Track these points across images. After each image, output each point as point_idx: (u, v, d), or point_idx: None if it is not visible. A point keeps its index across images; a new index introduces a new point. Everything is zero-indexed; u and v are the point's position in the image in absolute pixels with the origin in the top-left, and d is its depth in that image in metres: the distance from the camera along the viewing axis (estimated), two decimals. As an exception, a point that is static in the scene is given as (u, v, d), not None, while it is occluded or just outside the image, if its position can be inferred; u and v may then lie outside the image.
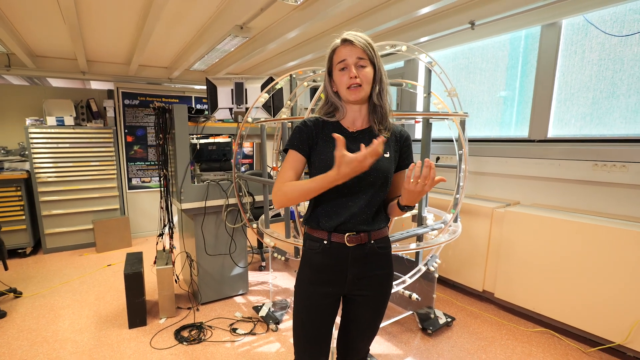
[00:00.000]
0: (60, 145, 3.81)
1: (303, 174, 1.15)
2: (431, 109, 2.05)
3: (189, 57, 3.60)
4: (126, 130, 4.30)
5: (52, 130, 3.75)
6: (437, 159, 3.31)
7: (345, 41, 1.05)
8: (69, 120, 3.84)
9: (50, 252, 3.90)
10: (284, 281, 3.07)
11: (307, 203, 1.25)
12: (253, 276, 3.17)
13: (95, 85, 4.58)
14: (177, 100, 4.61)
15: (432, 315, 2.29)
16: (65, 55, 3.75)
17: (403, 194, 0.99)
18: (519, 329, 2.26)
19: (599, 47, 2.34)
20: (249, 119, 2.14)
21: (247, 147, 5.21)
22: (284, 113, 2.23)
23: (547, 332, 2.21)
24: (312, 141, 1.10)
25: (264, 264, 3.41)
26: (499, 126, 2.98)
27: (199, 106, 4.77)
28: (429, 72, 1.98)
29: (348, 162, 0.89)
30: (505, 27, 2.64)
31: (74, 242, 4.00)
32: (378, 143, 0.88)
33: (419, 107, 3.70)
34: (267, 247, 3.60)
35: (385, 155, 1.09)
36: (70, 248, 3.99)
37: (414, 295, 2.07)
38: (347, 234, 1.07)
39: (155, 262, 2.45)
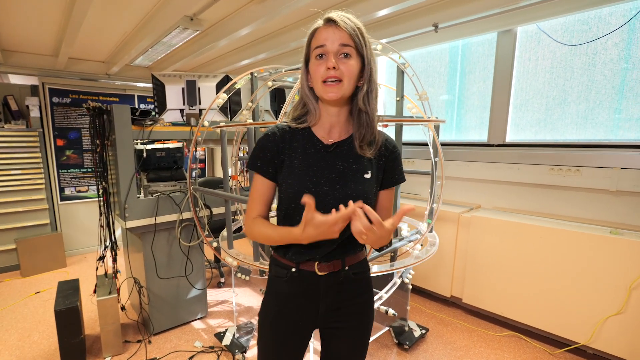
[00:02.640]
0: (-32, 152, 3.19)
1: (275, 199, 0.98)
2: (404, 113, 1.97)
3: (130, 50, 3.20)
4: (56, 133, 3.73)
5: (-43, 134, 3.12)
6: (401, 162, 3.28)
7: (328, 21, 0.84)
8: (-21, 122, 3.22)
9: (-42, 280, 3.26)
10: (247, 298, 2.84)
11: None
12: (212, 294, 2.90)
13: (14, 79, 3.92)
14: (118, 99, 4.12)
15: (407, 328, 2.23)
16: (-28, 43, 3.14)
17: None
18: (489, 334, 2.28)
19: (551, 55, 2.43)
20: (205, 123, 1.90)
21: (199, 151, 4.83)
22: (245, 116, 2.02)
23: (515, 336, 2.25)
24: (278, 159, 0.92)
25: (223, 279, 3.14)
26: (455, 130, 3.04)
27: (142, 106, 4.32)
28: (401, 74, 1.89)
29: (316, 225, 0.77)
30: (464, 33, 2.67)
31: (-9, 266, 3.39)
32: (353, 210, 0.74)
33: (381, 108, 3.67)
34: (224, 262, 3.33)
35: (366, 175, 0.91)
36: (-14, 273, 3.38)
37: (391, 311, 1.98)
38: (317, 262, 0.93)
39: (95, 291, 2.10)
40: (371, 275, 1.05)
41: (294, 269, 0.94)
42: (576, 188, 2.26)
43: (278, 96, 3.04)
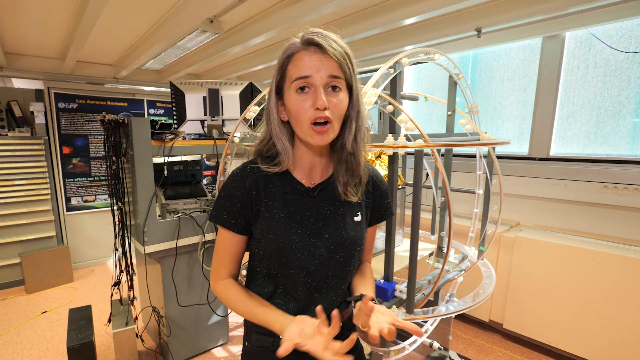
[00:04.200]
0: (-30, 161, 3.00)
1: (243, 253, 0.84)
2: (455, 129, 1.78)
3: (142, 53, 3.00)
4: (62, 140, 3.54)
5: (-42, 142, 2.94)
6: (427, 175, 3.08)
7: (311, 44, 0.68)
8: (-19, 129, 3.03)
9: (-41, 297, 3.07)
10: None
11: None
12: (231, 316, 2.71)
13: (18, 83, 3.72)
14: (126, 104, 3.93)
15: (448, 359, 2.04)
16: (-26, 46, 2.94)
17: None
18: (537, 366, 2.10)
19: (604, 62, 2.24)
20: (235, 139, 1.71)
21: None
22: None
23: (567, 369, 2.07)
24: (251, 210, 0.77)
25: (242, 298, 2.95)
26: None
27: (152, 111, 4.13)
28: (453, 85, 1.70)
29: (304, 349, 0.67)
30: (507, 38, 2.47)
31: (-6, 282, 3.20)
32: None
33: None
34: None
35: (356, 218, 0.81)
36: (-11, 289, 3.19)
37: (436, 344, 1.80)
38: None
39: (110, 320, 1.91)
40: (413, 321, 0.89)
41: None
42: (634, 208, 2.07)
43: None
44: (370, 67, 3.00)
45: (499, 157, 2.72)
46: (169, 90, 4.29)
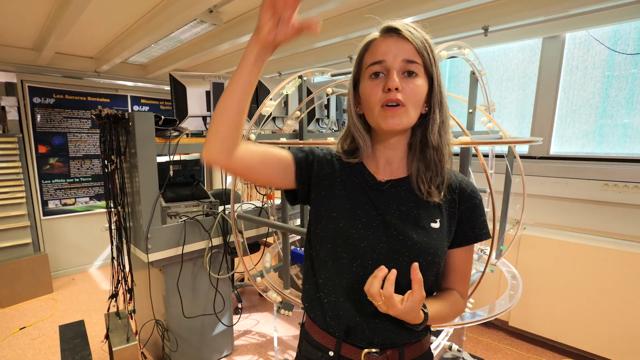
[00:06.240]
0: None
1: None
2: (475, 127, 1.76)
3: (130, 45, 2.80)
4: (38, 138, 3.25)
5: None
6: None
7: (388, 31, 0.66)
8: (-55, 126, 2.72)
9: None
10: (268, 327, 2.54)
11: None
12: (236, 325, 2.57)
13: (-16, 76, 3.39)
14: (108, 100, 3.67)
15: (463, 360, 2.03)
16: (-64, 33, 2.64)
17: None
18: (546, 363, 2.14)
19: (603, 63, 2.31)
20: (252, 135, 1.60)
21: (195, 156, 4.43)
22: (291, 126, 1.73)
23: (575, 364, 2.12)
24: (318, 177, 0.75)
25: (240, 305, 2.82)
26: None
27: (136, 107, 3.89)
28: (475, 82, 1.68)
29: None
30: (508, 37, 2.50)
31: (-39, 295, 2.88)
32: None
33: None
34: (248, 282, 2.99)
35: (433, 224, 0.70)
36: (-45, 303, 2.87)
37: (455, 347, 1.78)
38: (365, 351, 0.70)
39: (107, 337, 1.75)
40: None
41: (331, 353, 0.71)
42: (635, 205, 2.14)
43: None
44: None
45: (499, 156, 2.75)
46: (153, 86, 4.07)
